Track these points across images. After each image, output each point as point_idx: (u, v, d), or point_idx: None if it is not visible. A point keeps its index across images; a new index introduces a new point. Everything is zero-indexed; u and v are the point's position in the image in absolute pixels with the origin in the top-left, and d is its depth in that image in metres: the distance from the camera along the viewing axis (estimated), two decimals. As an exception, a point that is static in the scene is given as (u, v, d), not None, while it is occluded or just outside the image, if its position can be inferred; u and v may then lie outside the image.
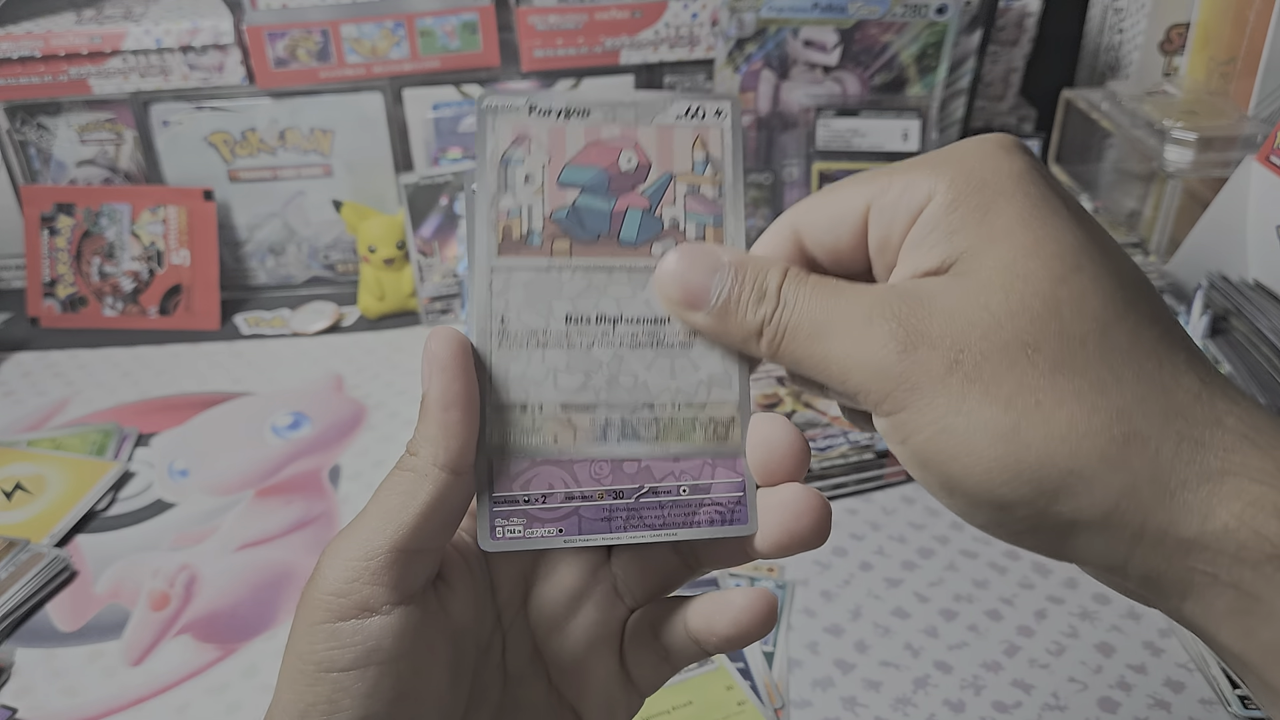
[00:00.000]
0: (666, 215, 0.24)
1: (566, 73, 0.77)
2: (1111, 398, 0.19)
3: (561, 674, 0.26)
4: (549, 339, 0.24)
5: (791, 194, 0.75)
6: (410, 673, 0.23)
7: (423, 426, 0.23)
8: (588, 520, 0.24)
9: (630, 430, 0.24)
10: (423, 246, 0.76)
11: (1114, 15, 0.84)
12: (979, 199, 0.21)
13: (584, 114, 0.24)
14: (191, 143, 0.78)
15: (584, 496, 0.24)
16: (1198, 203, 0.66)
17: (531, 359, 0.24)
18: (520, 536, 0.24)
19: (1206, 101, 0.69)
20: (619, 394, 0.24)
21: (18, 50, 0.73)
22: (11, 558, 0.53)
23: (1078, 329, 0.20)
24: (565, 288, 0.24)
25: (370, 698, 0.22)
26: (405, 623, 0.22)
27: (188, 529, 0.57)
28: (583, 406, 0.24)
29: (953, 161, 0.22)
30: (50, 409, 0.69)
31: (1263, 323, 0.57)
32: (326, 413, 0.67)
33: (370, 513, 0.23)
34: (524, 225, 0.24)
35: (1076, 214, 0.21)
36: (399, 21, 0.74)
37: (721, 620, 0.25)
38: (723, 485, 0.24)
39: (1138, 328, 0.20)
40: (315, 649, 0.22)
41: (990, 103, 0.84)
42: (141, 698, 0.47)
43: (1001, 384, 0.20)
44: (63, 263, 0.78)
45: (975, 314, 0.20)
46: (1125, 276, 0.21)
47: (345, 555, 0.23)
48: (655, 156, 0.24)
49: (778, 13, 0.72)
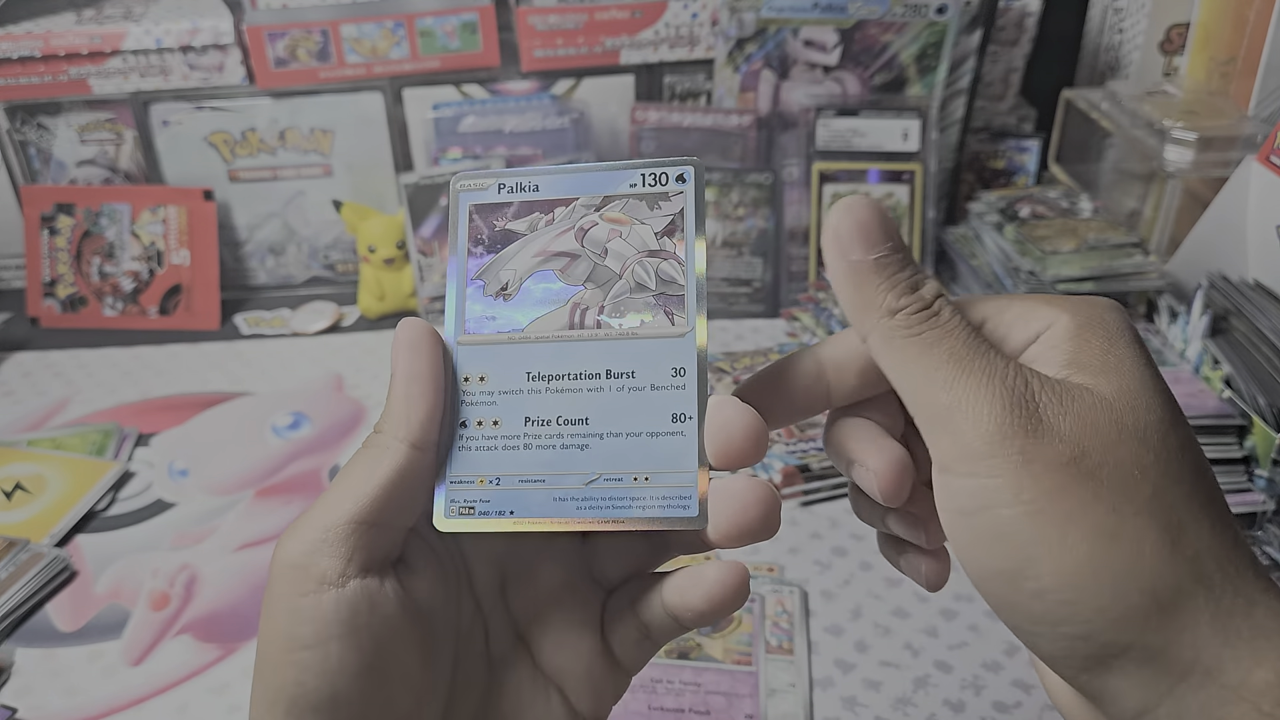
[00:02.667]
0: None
1: (566, 73, 0.77)
2: (1191, 542, 0.20)
3: (545, 657, 0.27)
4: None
5: (791, 194, 0.75)
6: (372, 648, 0.23)
7: (388, 404, 0.24)
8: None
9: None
10: (423, 246, 0.76)
11: (1114, 15, 0.84)
12: (1101, 333, 0.22)
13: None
14: (191, 143, 0.78)
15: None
16: (1198, 203, 0.66)
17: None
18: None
19: (1206, 101, 0.69)
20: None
21: (18, 50, 0.73)
22: (11, 558, 0.53)
23: (1177, 471, 0.21)
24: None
25: (336, 674, 0.22)
26: (362, 596, 0.23)
27: (188, 529, 0.57)
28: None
29: (1070, 302, 0.23)
30: (50, 409, 0.69)
31: (1263, 323, 0.57)
32: (326, 413, 0.67)
33: (332, 487, 0.23)
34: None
35: (1159, 372, 0.22)
36: (399, 21, 0.74)
37: (695, 594, 0.25)
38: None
39: (1214, 488, 0.21)
40: (278, 627, 0.23)
41: (990, 102, 0.84)
42: (141, 698, 0.47)
43: (1111, 492, 0.20)
44: (63, 263, 0.78)
45: (1104, 423, 0.21)
46: (1199, 452, 0.22)
47: (304, 528, 0.23)
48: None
49: (778, 12, 0.72)
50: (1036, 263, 0.65)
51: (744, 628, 0.48)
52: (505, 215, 0.26)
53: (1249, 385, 0.55)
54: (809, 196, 0.74)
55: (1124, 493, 0.20)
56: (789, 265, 0.76)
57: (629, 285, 0.25)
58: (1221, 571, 0.20)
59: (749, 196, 0.75)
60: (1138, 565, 0.20)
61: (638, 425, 0.24)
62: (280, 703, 0.22)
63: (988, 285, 0.68)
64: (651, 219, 0.25)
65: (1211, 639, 0.20)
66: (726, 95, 0.76)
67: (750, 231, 0.75)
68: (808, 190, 0.74)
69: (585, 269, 0.25)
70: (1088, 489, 0.20)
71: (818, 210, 0.74)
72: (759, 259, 0.76)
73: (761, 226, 0.75)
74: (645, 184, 0.25)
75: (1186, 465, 0.21)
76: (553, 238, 0.25)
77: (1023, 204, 0.71)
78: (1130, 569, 0.20)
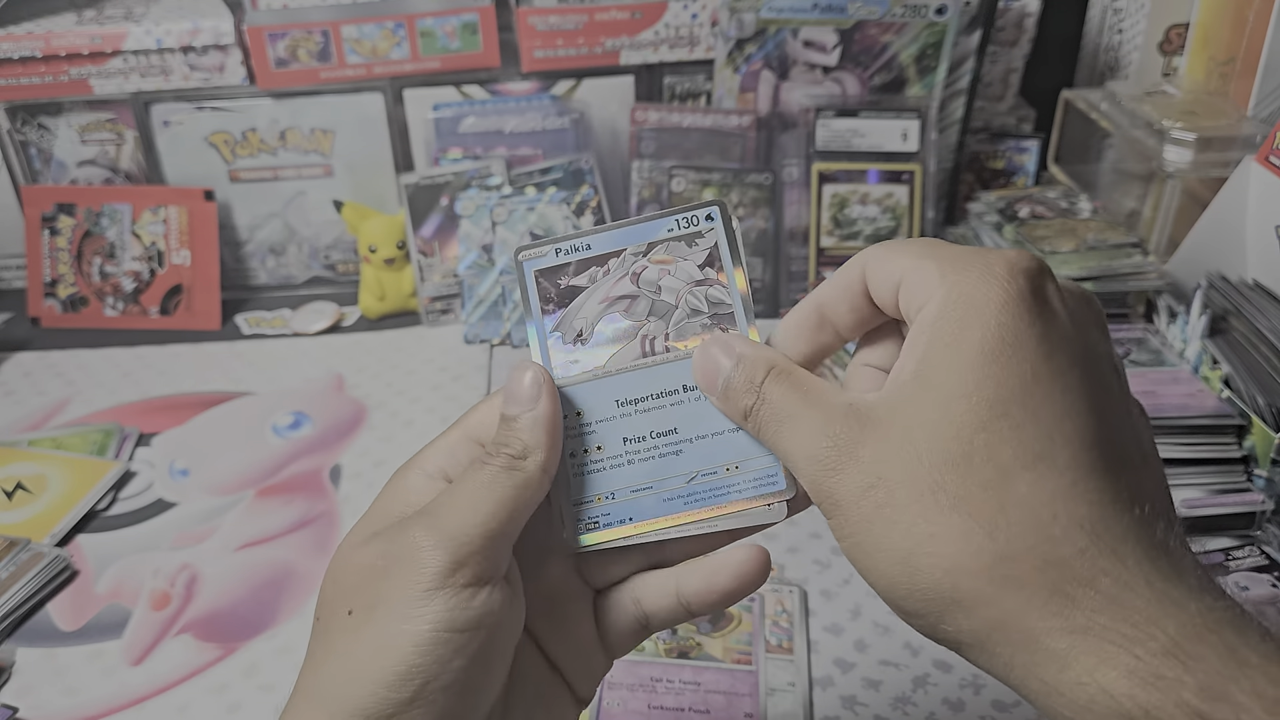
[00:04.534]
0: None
1: (567, 73, 0.77)
2: (999, 542, 0.22)
3: (551, 647, 0.30)
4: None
5: (791, 194, 0.75)
6: (503, 641, 0.26)
7: (512, 431, 0.27)
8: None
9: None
10: (423, 246, 0.76)
11: (1113, 15, 0.84)
12: (957, 323, 0.23)
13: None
14: (192, 143, 0.78)
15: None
16: (1197, 203, 0.66)
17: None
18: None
19: (1206, 102, 0.69)
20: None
21: (19, 50, 0.74)
22: (12, 557, 0.54)
23: (982, 475, 0.22)
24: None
25: (475, 659, 0.25)
26: (504, 597, 0.26)
27: (188, 528, 0.57)
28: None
29: (950, 277, 0.24)
30: (51, 409, 0.69)
31: (1262, 322, 0.57)
32: (327, 412, 0.67)
33: (475, 498, 0.26)
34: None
35: (1041, 348, 0.23)
36: (399, 22, 0.75)
37: (723, 576, 0.28)
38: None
39: (1043, 478, 0.22)
40: (434, 612, 0.24)
41: (989, 103, 0.84)
42: (142, 697, 0.47)
43: (904, 514, 0.23)
44: (63, 263, 0.78)
45: (902, 449, 0.23)
46: (1054, 424, 0.22)
47: (459, 532, 0.25)
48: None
49: (777, 13, 0.72)
50: (1036, 263, 0.65)
51: (744, 627, 0.48)
52: (566, 274, 0.30)
53: (1248, 385, 0.55)
54: (808, 197, 0.74)
55: (917, 514, 0.23)
56: (788, 265, 0.76)
57: (685, 312, 0.29)
58: (1039, 570, 0.21)
59: (748, 197, 0.75)
60: (935, 578, 0.22)
61: (718, 425, 0.28)
62: (413, 679, 0.24)
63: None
64: (692, 254, 0.30)
65: (1020, 640, 0.22)
66: (726, 96, 0.76)
67: (750, 232, 0.75)
68: (807, 190, 0.74)
69: (645, 306, 0.30)
70: (881, 517, 0.23)
71: (817, 210, 0.74)
72: (758, 259, 0.76)
73: (761, 227, 0.75)
74: (680, 227, 0.30)
75: (995, 464, 0.22)
76: (612, 285, 0.30)
77: (1022, 204, 0.71)
78: (929, 584, 0.22)
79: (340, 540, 0.28)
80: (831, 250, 0.74)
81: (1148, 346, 0.62)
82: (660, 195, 0.75)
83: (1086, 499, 0.22)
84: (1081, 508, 0.22)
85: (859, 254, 0.27)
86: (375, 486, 0.60)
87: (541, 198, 0.75)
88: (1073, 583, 0.21)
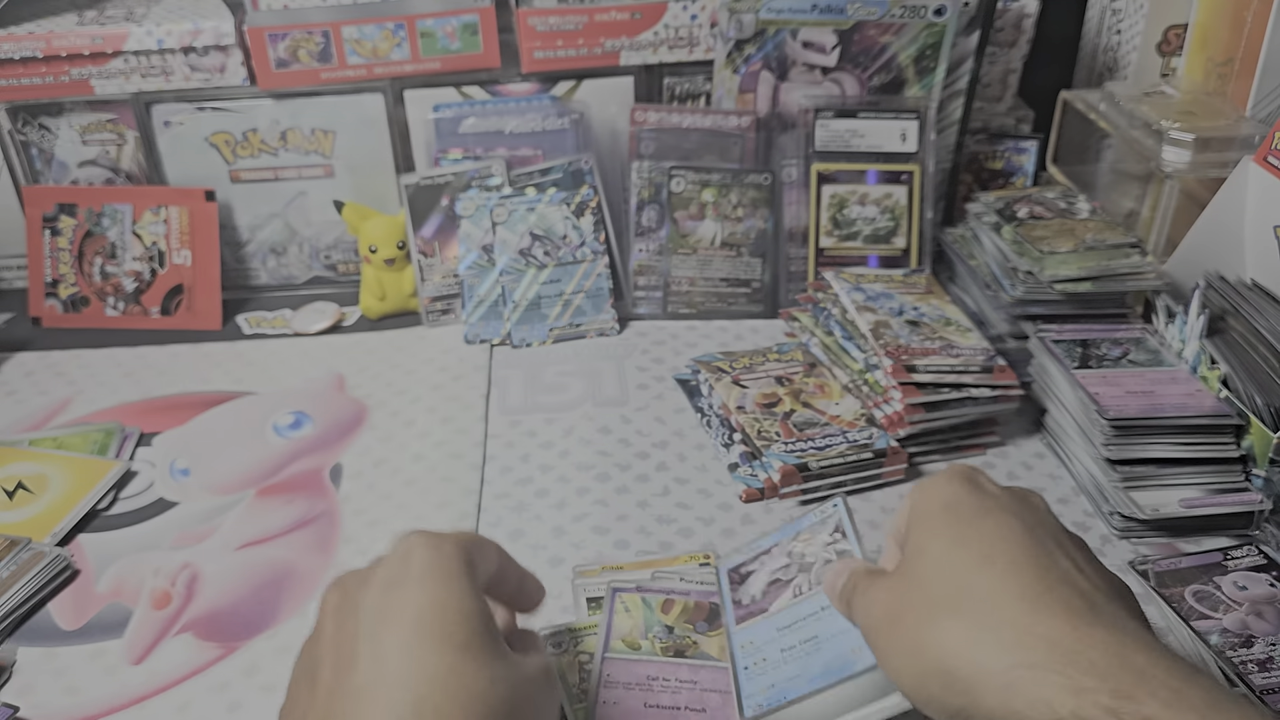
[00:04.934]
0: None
1: (566, 74, 0.77)
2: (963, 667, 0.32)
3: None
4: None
5: (790, 194, 0.75)
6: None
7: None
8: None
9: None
10: (423, 247, 0.76)
11: (1112, 16, 0.84)
12: (916, 526, 0.37)
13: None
14: (193, 143, 0.78)
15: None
16: (1195, 203, 0.67)
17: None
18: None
19: (1204, 102, 0.69)
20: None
21: (19, 51, 0.74)
22: (13, 556, 0.54)
23: (947, 620, 0.33)
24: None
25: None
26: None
27: (189, 528, 0.58)
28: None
29: (918, 490, 0.39)
30: (52, 408, 0.69)
31: (1260, 322, 0.57)
32: (328, 412, 0.67)
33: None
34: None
35: (969, 536, 0.35)
36: (400, 23, 0.75)
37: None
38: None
39: (996, 579, 0.33)
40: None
41: (988, 103, 0.84)
42: (143, 696, 0.47)
43: (888, 647, 0.36)
44: (64, 263, 0.78)
45: (882, 600, 0.37)
46: (979, 576, 0.34)
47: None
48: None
49: (776, 14, 0.73)
50: (1034, 263, 0.65)
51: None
52: (745, 565, 0.49)
53: (1246, 385, 0.55)
54: (807, 197, 0.74)
55: (895, 648, 0.35)
56: (788, 265, 0.76)
57: (820, 564, 0.45)
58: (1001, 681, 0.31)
59: (748, 197, 0.75)
60: (909, 685, 0.34)
61: (842, 625, 0.41)
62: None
63: (985, 285, 0.68)
64: (823, 531, 0.46)
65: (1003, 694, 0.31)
66: (726, 96, 0.76)
67: (749, 232, 0.76)
68: (806, 191, 0.74)
69: (795, 568, 0.46)
70: (877, 648, 0.36)
71: (816, 211, 0.74)
72: (758, 259, 0.76)
73: (760, 227, 0.76)
74: (814, 518, 0.47)
75: (944, 610, 0.33)
76: (776, 561, 0.47)
77: (1020, 204, 0.71)
78: (907, 686, 0.34)
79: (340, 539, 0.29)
80: (831, 250, 0.75)
81: (1146, 346, 0.62)
82: (659, 195, 0.75)
83: (1024, 585, 0.33)
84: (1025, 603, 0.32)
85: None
86: (376, 486, 0.60)
87: (541, 198, 0.75)
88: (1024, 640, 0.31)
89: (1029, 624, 0.31)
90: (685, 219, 0.76)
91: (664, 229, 0.76)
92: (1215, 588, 0.50)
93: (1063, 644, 0.30)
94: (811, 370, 0.66)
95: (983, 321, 0.68)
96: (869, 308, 0.65)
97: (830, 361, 0.66)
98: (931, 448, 0.61)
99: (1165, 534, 0.55)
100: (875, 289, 0.68)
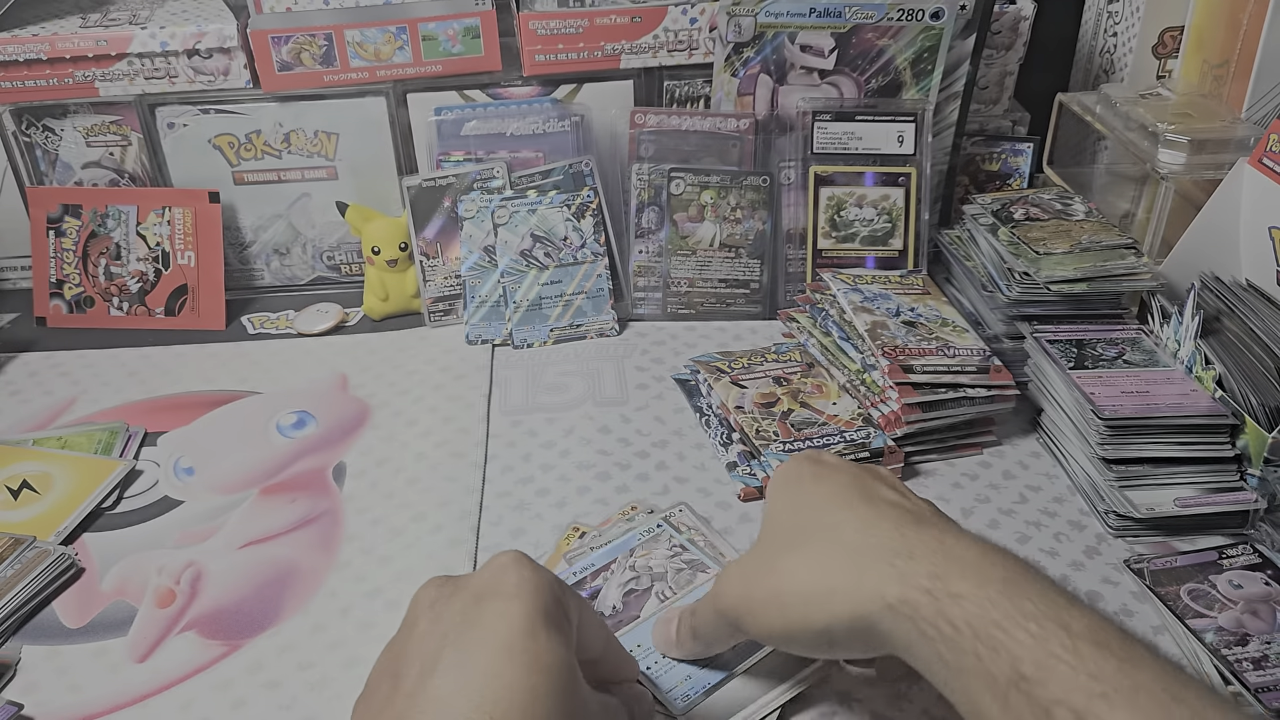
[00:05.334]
0: None
1: (567, 77, 0.77)
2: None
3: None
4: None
5: (788, 196, 0.76)
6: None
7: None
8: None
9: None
10: (425, 248, 0.77)
11: (1108, 19, 0.85)
12: (767, 504, 0.43)
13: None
14: (197, 145, 0.79)
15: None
16: (1190, 205, 0.67)
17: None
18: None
19: (1200, 104, 0.70)
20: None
21: (24, 53, 0.74)
22: (18, 555, 0.54)
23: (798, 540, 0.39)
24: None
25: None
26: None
27: (193, 527, 0.58)
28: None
29: (774, 477, 0.44)
30: (57, 408, 0.69)
31: (1255, 323, 0.57)
32: (331, 412, 0.68)
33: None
34: None
35: (810, 496, 0.41)
36: (402, 26, 0.75)
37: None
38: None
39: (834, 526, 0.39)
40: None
41: (985, 106, 0.85)
42: (146, 694, 0.48)
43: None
44: (69, 263, 0.79)
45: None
46: (823, 518, 0.39)
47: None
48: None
49: (775, 18, 0.73)
50: (1030, 264, 0.65)
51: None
52: (584, 586, 0.50)
53: (1241, 385, 0.56)
54: (806, 199, 0.75)
55: (757, 605, 0.39)
56: (786, 267, 0.77)
57: (673, 572, 0.50)
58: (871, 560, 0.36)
59: (746, 199, 0.76)
60: (778, 631, 0.39)
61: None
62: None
63: (982, 286, 0.69)
64: (659, 546, 0.52)
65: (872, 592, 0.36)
66: (725, 99, 0.77)
67: (748, 233, 0.76)
68: (804, 193, 0.75)
69: (648, 578, 0.50)
70: (744, 619, 0.40)
71: (814, 212, 0.75)
72: (756, 261, 0.76)
73: (759, 229, 0.76)
74: (640, 537, 0.53)
75: (791, 548, 0.39)
76: (621, 576, 0.50)
77: (1017, 206, 0.72)
78: (777, 633, 0.39)
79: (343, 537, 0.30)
80: (829, 252, 0.75)
81: (1141, 347, 0.62)
82: (659, 197, 0.76)
83: (857, 514, 0.39)
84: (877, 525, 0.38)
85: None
86: (378, 485, 0.60)
87: (542, 200, 0.75)
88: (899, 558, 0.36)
89: (863, 540, 0.37)
90: (685, 221, 0.76)
91: (663, 230, 0.76)
92: (1210, 586, 0.50)
93: (890, 545, 0.36)
94: (809, 370, 0.66)
95: (979, 322, 0.68)
96: (866, 308, 0.66)
97: (828, 362, 0.67)
98: (928, 447, 0.61)
99: (1161, 533, 0.55)
100: (872, 290, 0.68)
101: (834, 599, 0.36)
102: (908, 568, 0.34)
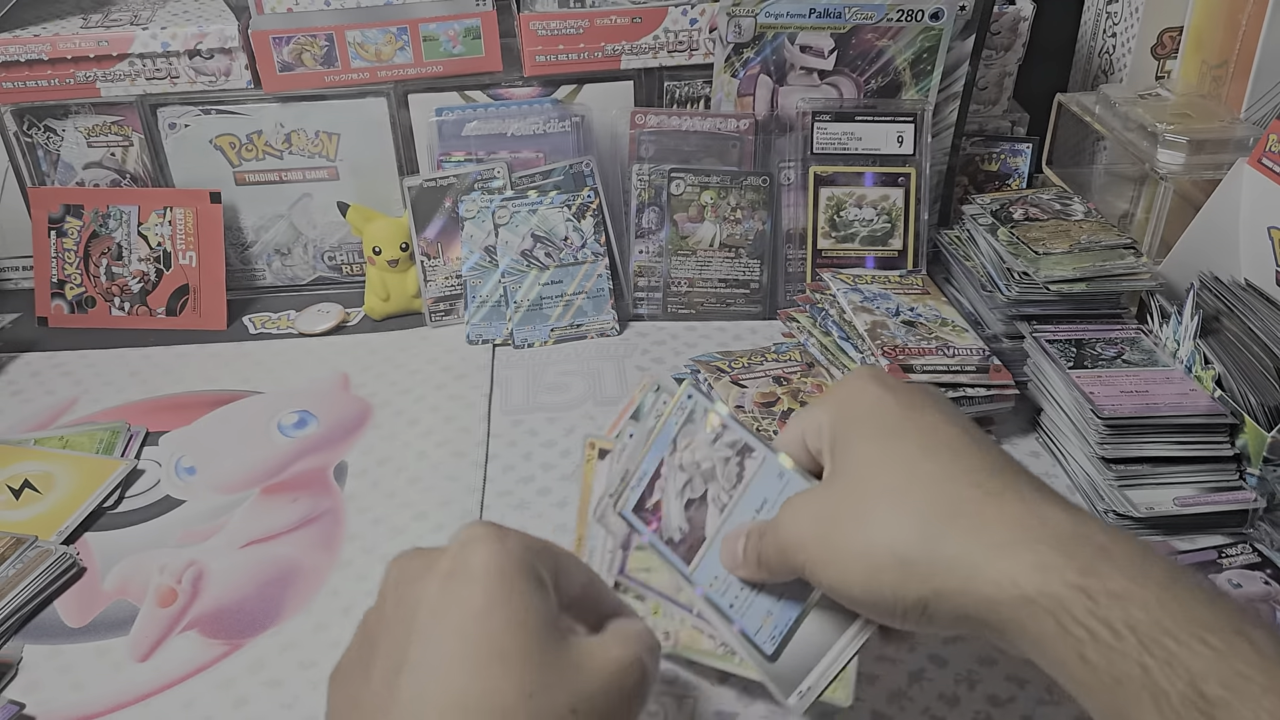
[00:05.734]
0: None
1: (568, 78, 0.78)
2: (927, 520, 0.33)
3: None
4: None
5: (788, 197, 0.76)
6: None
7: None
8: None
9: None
10: (426, 248, 0.77)
11: (1107, 20, 0.85)
12: (843, 433, 0.35)
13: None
14: (198, 146, 0.79)
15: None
16: (1189, 205, 0.67)
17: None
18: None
19: (1199, 105, 0.70)
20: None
21: (26, 53, 0.74)
22: (20, 554, 0.54)
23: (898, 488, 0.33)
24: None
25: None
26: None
27: (195, 526, 0.58)
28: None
29: (833, 398, 0.37)
30: (58, 408, 0.70)
31: (1254, 322, 0.57)
32: (332, 411, 0.68)
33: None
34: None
35: (905, 429, 0.35)
36: (403, 27, 0.75)
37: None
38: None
39: (933, 474, 0.33)
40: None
41: (984, 106, 0.85)
42: (148, 693, 0.48)
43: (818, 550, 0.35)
44: (71, 264, 0.79)
45: (809, 511, 0.35)
46: (924, 464, 0.33)
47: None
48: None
49: (775, 18, 0.73)
50: (1029, 264, 0.66)
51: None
52: (646, 501, 0.42)
53: (1240, 384, 0.56)
54: (805, 199, 0.75)
55: (837, 553, 0.33)
56: (786, 267, 0.77)
57: (722, 463, 0.40)
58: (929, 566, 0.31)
59: (746, 199, 0.76)
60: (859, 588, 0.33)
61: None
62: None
63: (981, 286, 0.69)
64: (699, 431, 0.41)
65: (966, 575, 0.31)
66: (724, 100, 0.77)
67: (748, 233, 0.76)
68: (804, 193, 0.75)
69: (701, 481, 0.41)
70: (813, 561, 0.34)
71: (814, 213, 0.75)
72: (756, 261, 0.77)
73: (759, 229, 0.76)
74: (676, 421, 0.42)
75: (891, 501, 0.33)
76: (673, 488, 0.41)
77: (1016, 206, 0.72)
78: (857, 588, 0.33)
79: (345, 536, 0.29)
80: (828, 252, 0.75)
81: (1141, 347, 0.62)
82: (659, 198, 0.76)
83: (971, 470, 0.33)
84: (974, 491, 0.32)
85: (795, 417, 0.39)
86: (380, 484, 0.61)
87: (543, 200, 0.75)
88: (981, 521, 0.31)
89: (983, 507, 0.31)
90: (685, 221, 0.76)
91: (664, 231, 0.76)
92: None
93: (1023, 522, 0.30)
94: (809, 370, 0.67)
95: (978, 322, 0.69)
96: (866, 308, 0.66)
97: (828, 361, 0.67)
98: (929, 447, 0.61)
99: (1160, 532, 0.55)
100: (872, 290, 0.68)
101: (942, 572, 0.30)
102: (1050, 557, 0.29)
